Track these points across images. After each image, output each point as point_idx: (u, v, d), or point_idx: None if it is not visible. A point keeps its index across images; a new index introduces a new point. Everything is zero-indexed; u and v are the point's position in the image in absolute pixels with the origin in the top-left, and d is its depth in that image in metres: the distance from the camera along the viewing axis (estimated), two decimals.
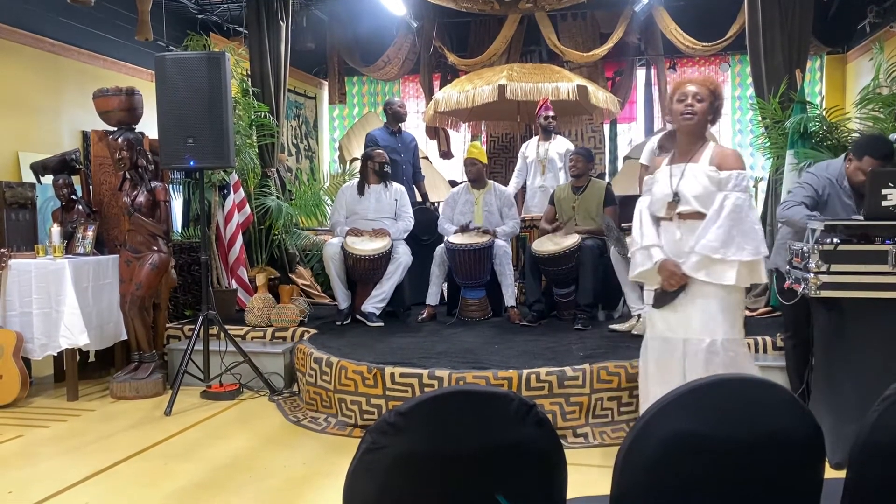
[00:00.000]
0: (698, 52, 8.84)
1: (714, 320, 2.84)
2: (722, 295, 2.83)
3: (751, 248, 2.77)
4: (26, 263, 4.64)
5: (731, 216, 2.76)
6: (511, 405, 1.24)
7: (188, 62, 4.45)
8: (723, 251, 2.76)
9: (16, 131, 6.59)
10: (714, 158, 2.88)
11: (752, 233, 2.78)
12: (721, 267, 2.78)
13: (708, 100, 2.90)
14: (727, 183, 2.81)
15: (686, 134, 2.96)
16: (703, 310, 2.85)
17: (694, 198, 2.86)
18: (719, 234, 2.77)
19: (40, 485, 3.20)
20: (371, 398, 3.90)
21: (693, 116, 2.89)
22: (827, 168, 3.73)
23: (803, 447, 1.31)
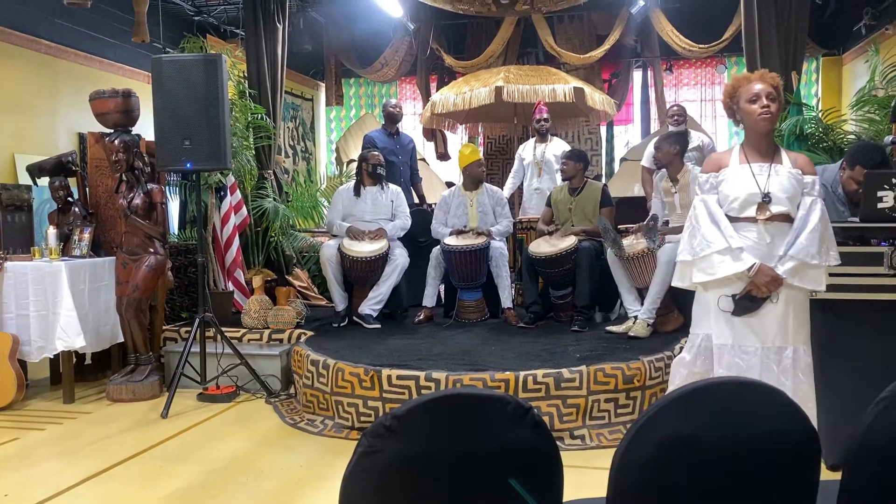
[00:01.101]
0: (695, 53, 8.86)
1: (798, 327, 2.83)
2: (803, 301, 2.83)
3: (835, 252, 2.78)
4: (23, 266, 4.63)
5: (822, 221, 2.75)
6: (507, 408, 1.24)
7: (185, 64, 4.45)
8: (819, 257, 2.73)
9: (12, 133, 6.58)
10: (797, 161, 2.86)
11: (832, 239, 2.79)
12: (815, 272, 2.76)
13: (779, 99, 2.85)
14: (812, 187, 2.79)
15: (765, 134, 2.87)
16: (785, 317, 2.79)
17: (788, 199, 2.78)
18: (814, 238, 2.72)
19: (36, 488, 3.19)
20: (368, 400, 3.90)
21: (771, 115, 2.82)
22: (823, 173, 3.74)
23: (799, 449, 1.32)
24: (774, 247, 2.78)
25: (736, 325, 2.83)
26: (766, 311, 2.79)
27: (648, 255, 4.62)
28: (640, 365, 3.91)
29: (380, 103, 11.14)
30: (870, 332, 3.23)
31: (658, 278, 4.55)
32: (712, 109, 10.32)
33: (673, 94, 10.19)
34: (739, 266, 2.76)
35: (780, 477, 1.30)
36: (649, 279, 4.62)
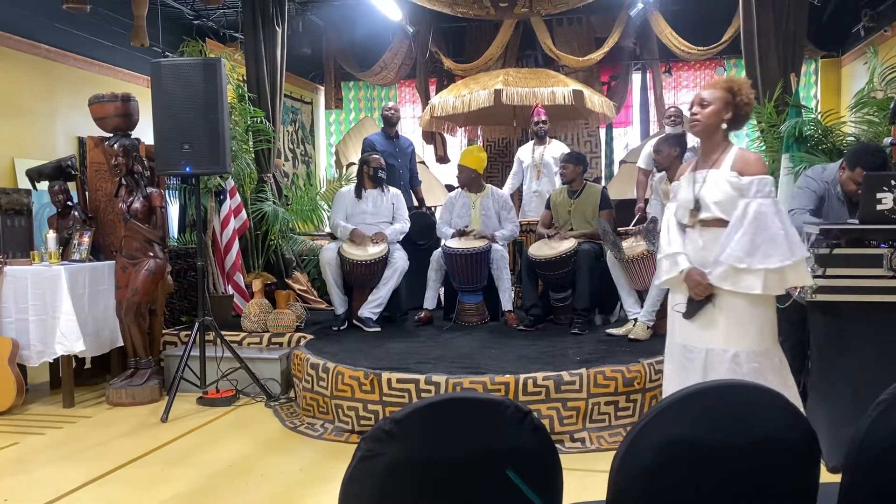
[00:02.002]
0: (693, 56, 8.87)
1: (739, 331, 2.77)
2: (747, 305, 2.76)
3: (778, 255, 2.67)
4: (22, 270, 4.63)
5: (754, 223, 2.69)
6: (506, 412, 1.23)
7: (184, 68, 4.46)
8: (748, 260, 2.68)
9: (11, 137, 6.58)
10: (736, 163, 2.81)
11: (778, 239, 2.68)
12: (747, 276, 2.70)
13: (717, 103, 2.83)
14: (749, 189, 2.74)
15: (703, 140, 2.92)
16: (727, 320, 2.78)
17: (714, 204, 2.80)
18: (743, 242, 2.69)
19: (36, 492, 3.19)
20: (368, 404, 3.89)
21: (697, 123, 2.87)
22: (823, 172, 3.74)
23: (798, 451, 1.31)
24: (708, 252, 2.82)
25: (686, 325, 2.90)
26: (711, 314, 2.82)
27: (648, 258, 4.62)
28: (640, 367, 3.91)
29: (379, 106, 11.15)
30: (869, 333, 3.23)
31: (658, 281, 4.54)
32: None
33: (672, 97, 10.20)
34: (674, 271, 2.88)
35: (780, 479, 1.30)
36: (649, 281, 4.62)
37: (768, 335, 2.82)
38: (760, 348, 2.78)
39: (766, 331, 2.81)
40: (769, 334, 2.82)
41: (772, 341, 2.83)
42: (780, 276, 2.71)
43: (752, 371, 2.76)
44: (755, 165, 2.79)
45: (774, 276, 2.70)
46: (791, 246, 2.69)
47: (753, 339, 2.78)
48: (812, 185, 3.66)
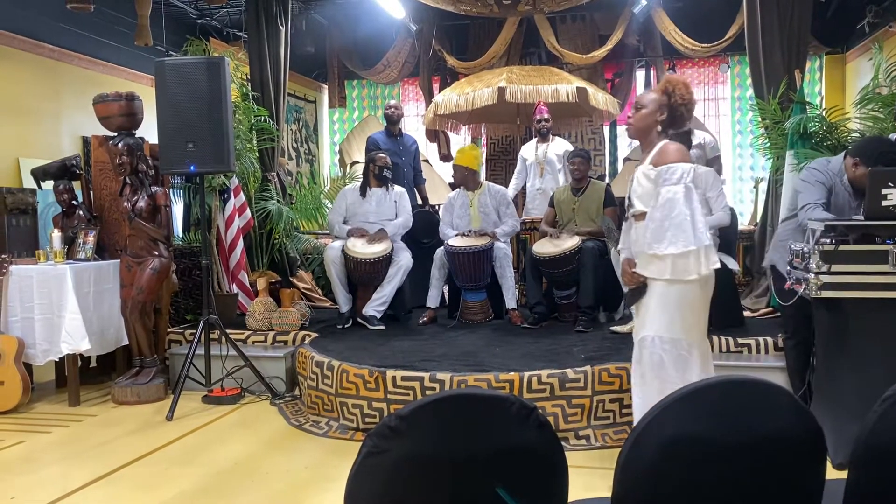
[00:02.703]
0: (697, 53, 8.85)
1: (649, 316, 2.84)
2: (662, 291, 2.80)
3: (682, 241, 2.72)
4: (27, 269, 4.64)
5: (661, 210, 2.76)
6: (511, 408, 1.24)
7: (188, 67, 4.46)
8: (656, 246, 2.75)
9: (16, 137, 6.60)
10: (655, 156, 2.89)
11: (684, 225, 2.72)
12: (658, 262, 2.77)
13: (651, 105, 2.93)
14: (659, 178, 2.82)
15: (640, 141, 3.03)
16: (647, 305, 2.87)
17: (637, 198, 2.92)
18: (652, 229, 2.78)
19: (43, 490, 3.20)
20: (373, 402, 3.90)
21: (630, 127, 3.03)
22: (828, 164, 3.72)
23: (804, 448, 1.31)
24: (637, 244, 2.92)
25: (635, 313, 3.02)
26: (644, 302, 2.90)
27: None
28: None
29: (382, 105, 11.15)
30: (874, 329, 3.22)
31: None
32: (715, 108, 10.30)
33: None
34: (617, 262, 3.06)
35: (786, 476, 1.30)
36: None
37: (680, 324, 2.80)
38: (667, 336, 2.81)
39: (678, 320, 2.80)
40: (681, 324, 2.80)
41: (683, 331, 2.81)
42: (687, 262, 2.74)
43: (650, 356, 2.81)
44: (666, 155, 2.85)
45: (682, 262, 2.73)
46: (697, 232, 2.73)
47: (663, 325, 2.81)
48: (820, 178, 3.63)
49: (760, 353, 4.43)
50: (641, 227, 2.89)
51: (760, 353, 4.43)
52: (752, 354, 4.45)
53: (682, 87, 2.93)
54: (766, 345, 4.44)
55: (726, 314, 4.79)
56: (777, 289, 3.83)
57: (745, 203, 9.68)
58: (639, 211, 2.92)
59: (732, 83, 10.19)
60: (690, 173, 2.80)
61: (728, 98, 10.27)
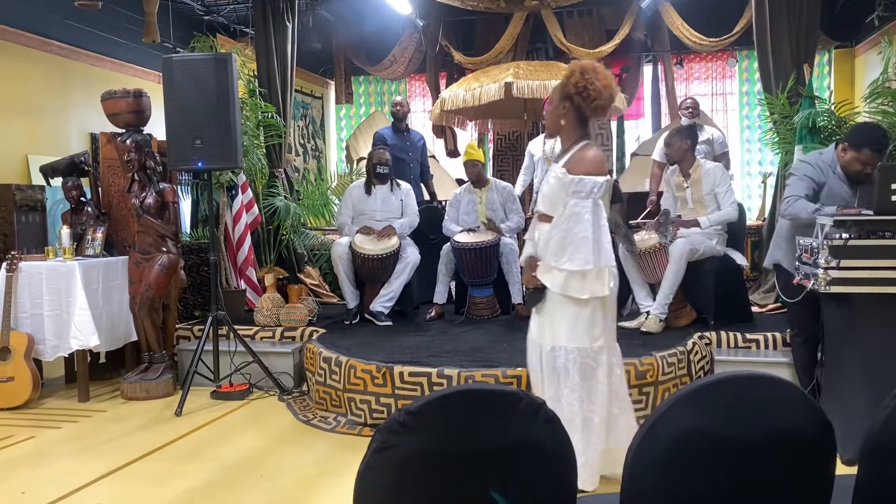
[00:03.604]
0: (705, 47, 8.81)
1: (556, 327, 2.79)
2: (560, 302, 2.76)
3: (581, 258, 2.68)
4: (37, 265, 4.66)
5: (566, 223, 2.71)
6: (520, 403, 1.24)
7: (195, 64, 4.47)
8: (555, 259, 2.71)
9: (25, 134, 6.63)
10: (570, 161, 2.79)
11: (586, 243, 2.68)
12: (556, 273, 2.73)
13: (555, 101, 2.84)
14: (569, 187, 2.73)
15: (558, 137, 2.95)
16: (550, 315, 2.81)
17: (541, 198, 2.85)
18: (555, 240, 2.73)
19: (53, 485, 3.22)
20: (380, 397, 3.91)
21: (546, 119, 2.97)
22: (821, 156, 3.72)
23: (814, 444, 1.31)
24: (539, 245, 2.86)
25: (532, 318, 2.96)
26: (545, 308, 2.84)
27: (660, 251, 4.60)
28: (652, 360, 3.90)
29: (389, 101, 11.13)
30: (884, 325, 3.21)
31: (670, 273, 4.53)
32: (723, 103, 10.26)
33: (684, 89, 10.12)
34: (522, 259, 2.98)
35: (796, 472, 1.29)
36: (661, 274, 4.60)
37: (582, 333, 2.77)
38: (571, 346, 2.77)
39: (577, 329, 2.77)
40: (582, 333, 2.77)
41: (588, 340, 2.78)
42: (583, 281, 2.70)
43: (562, 367, 2.76)
44: (584, 165, 2.75)
45: (576, 280, 2.70)
46: (598, 252, 2.69)
47: (565, 335, 2.77)
48: (809, 171, 3.64)
49: (769, 349, 4.43)
50: (544, 228, 2.83)
51: (769, 349, 4.43)
52: (760, 350, 4.44)
53: (579, 73, 2.76)
54: (775, 340, 4.43)
55: (734, 309, 4.79)
56: (782, 286, 3.82)
57: (754, 198, 9.65)
58: (542, 213, 2.85)
59: (740, 78, 10.14)
60: (601, 187, 2.74)
61: (736, 93, 10.23)
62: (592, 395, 2.77)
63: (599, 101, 2.75)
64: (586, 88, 2.73)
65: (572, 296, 2.72)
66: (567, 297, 2.73)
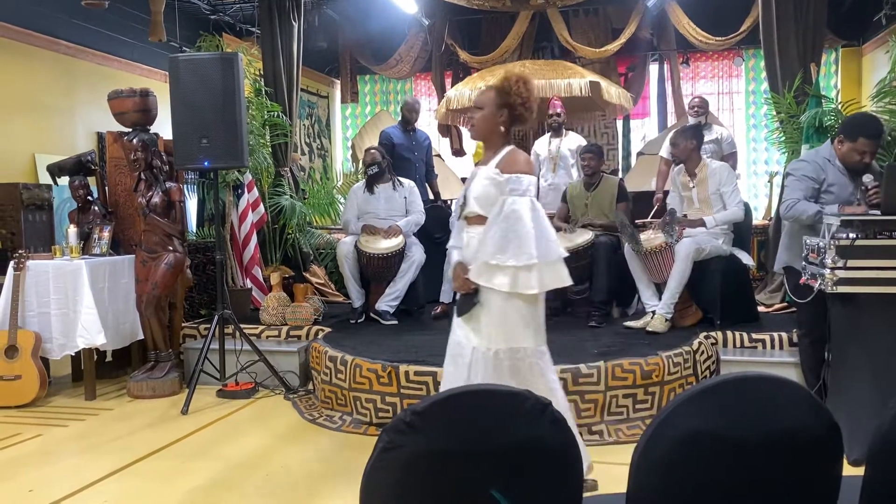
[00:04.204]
0: (711, 46, 8.79)
1: (496, 328, 2.74)
2: (503, 302, 2.72)
3: (525, 254, 2.66)
4: (44, 264, 4.68)
5: (506, 221, 2.68)
6: (526, 403, 1.24)
7: (201, 63, 4.48)
8: (499, 257, 2.67)
9: (32, 133, 6.65)
10: (501, 162, 2.78)
11: (527, 238, 2.66)
12: (498, 273, 2.68)
13: (489, 106, 2.81)
14: (506, 186, 2.72)
15: (483, 142, 2.93)
16: (487, 317, 2.76)
17: (475, 199, 2.81)
18: (495, 238, 2.69)
19: (60, 483, 3.24)
20: (386, 396, 3.91)
21: (472, 129, 2.93)
22: (818, 153, 3.72)
23: (821, 445, 1.31)
24: (471, 248, 2.82)
25: (458, 321, 2.87)
26: (477, 310, 2.78)
27: (666, 250, 4.60)
28: (658, 360, 3.90)
29: (395, 100, 11.14)
30: (890, 325, 3.20)
31: (676, 273, 4.52)
32: (729, 102, 10.24)
33: (690, 88, 10.10)
34: (449, 265, 2.95)
35: (802, 473, 1.29)
36: (667, 274, 4.60)
37: (523, 333, 2.75)
38: (516, 345, 2.74)
39: (521, 328, 2.74)
40: (525, 332, 2.75)
41: (530, 339, 2.76)
42: (529, 275, 2.68)
43: (511, 368, 2.73)
44: (516, 164, 2.76)
45: (525, 275, 2.67)
46: (539, 247, 2.67)
47: (509, 336, 2.73)
48: (807, 170, 3.64)
49: (775, 349, 4.42)
50: (476, 231, 2.80)
51: (775, 349, 4.42)
52: (767, 350, 4.43)
53: (521, 85, 2.79)
54: (781, 340, 4.42)
55: (740, 309, 4.78)
56: (791, 285, 3.81)
57: (760, 197, 9.62)
58: (474, 213, 2.82)
59: (747, 77, 10.12)
60: (534, 185, 2.75)
61: (742, 92, 10.20)
62: (553, 396, 2.75)
63: (532, 113, 2.86)
64: (528, 100, 2.81)
65: (523, 292, 2.69)
66: (506, 298, 2.70)
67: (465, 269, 2.79)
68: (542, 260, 2.68)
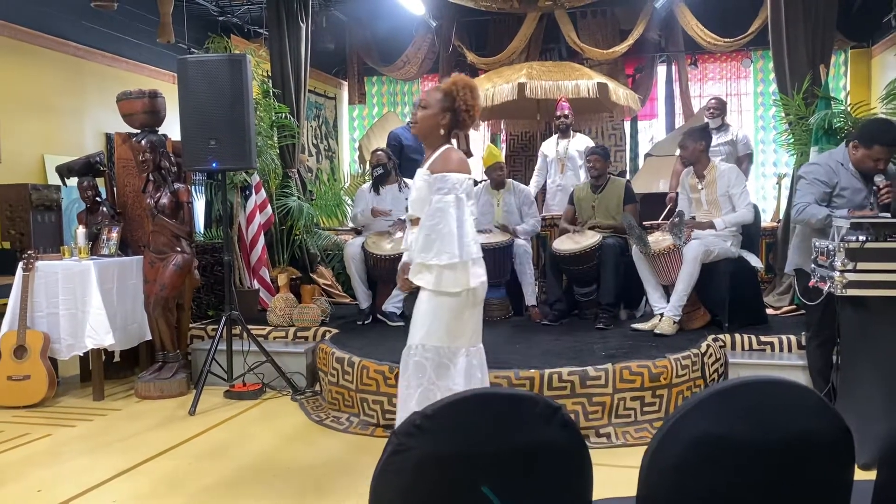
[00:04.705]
0: (720, 47, 8.77)
1: (418, 324, 2.77)
2: (427, 300, 2.75)
3: (448, 252, 2.67)
4: (53, 265, 4.70)
5: (431, 219, 2.70)
6: (536, 407, 1.23)
7: (210, 64, 4.49)
8: (423, 255, 2.70)
9: (41, 134, 6.68)
10: (433, 163, 2.80)
11: (451, 237, 2.68)
12: (425, 271, 2.72)
13: (435, 106, 2.81)
14: (433, 186, 2.74)
15: (423, 141, 2.93)
16: (417, 313, 2.80)
17: (411, 202, 2.84)
18: (421, 238, 2.72)
19: (68, 483, 3.25)
20: (393, 398, 3.89)
21: (414, 126, 2.93)
22: (831, 156, 3.70)
23: (832, 449, 1.30)
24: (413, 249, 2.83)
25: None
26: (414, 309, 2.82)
27: (674, 252, 4.58)
28: (666, 363, 3.89)
29: (402, 101, 11.15)
30: None
31: (684, 275, 4.51)
32: (738, 104, 10.20)
33: (698, 89, 10.08)
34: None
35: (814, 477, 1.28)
36: (675, 276, 4.58)
37: (444, 333, 2.74)
38: (430, 343, 2.74)
39: (442, 328, 2.74)
40: (445, 332, 2.75)
41: (447, 339, 2.75)
42: (453, 274, 2.70)
43: (415, 364, 2.74)
44: (443, 163, 2.77)
45: (448, 273, 2.69)
46: (461, 246, 2.69)
47: (427, 333, 2.75)
48: (819, 174, 3.62)
49: (783, 352, 4.40)
50: (416, 230, 2.82)
51: (783, 352, 4.40)
52: (775, 353, 4.42)
53: (468, 92, 2.81)
54: (789, 343, 4.40)
55: (749, 312, 4.76)
56: (801, 288, 3.79)
57: (768, 199, 9.58)
58: (413, 216, 2.84)
59: (755, 78, 10.08)
60: (464, 183, 2.75)
61: (751, 93, 10.17)
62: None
63: (475, 121, 2.90)
64: (473, 107, 2.83)
65: (446, 291, 2.71)
66: (439, 294, 2.72)
67: (408, 269, 2.83)
68: (465, 258, 2.70)
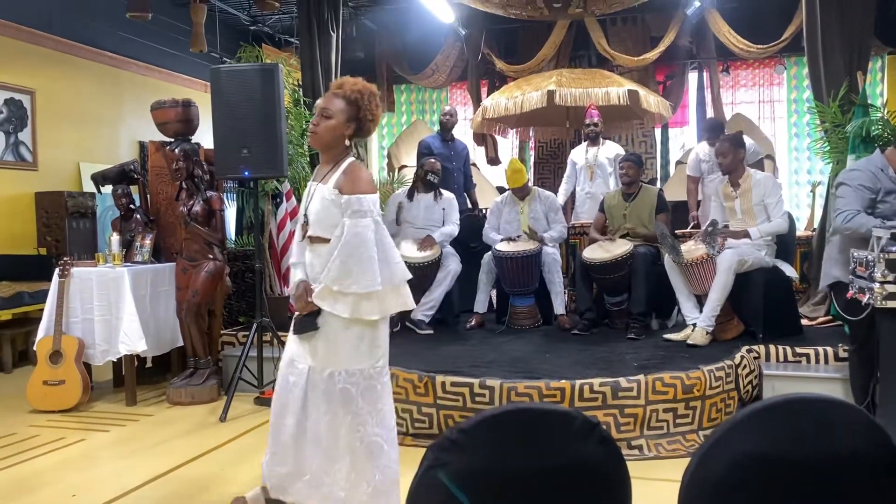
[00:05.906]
0: (752, 54, 8.65)
1: (334, 350, 2.68)
2: (342, 326, 2.65)
3: (367, 280, 2.58)
4: (87, 271, 4.77)
5: (346, 246, 2.59)
6: (574, 423, 1.22)
7: (242, 74, 4.53)
8: (339, 283, 2.59)
9: (77, 143, 6.81)
10: (340, 180, 2.67)
11: (370, 263, 2.58)
12: (342, 298, 2.61)
13: (339, 116, 2.69)
14: (347, 208, 2.62)
15: (322, 152, 2.80)
16: (325, 338, 2.69)
17: (315, 221, 2.72)
18: (336, 264, 2.60)
19: (102, 488, 3.28)
20: (422, 407, 3.90)
21: (313, 135, 2.73)
22: (869, 162, 3.61)
23: (878, 467, 1.26)
24: (314, 268, 2.73)
25: (295, 340, 2.81)
26: (318, 332, 2.70)
27: (707, 261, 4.52)
28: (699, 374, 3.83)
29: (430, 109, 11.18)
30: None
31: (718, 285, 4.45)
32: (770, 111, 10.07)
33: (730, 96, 9.97)
34: (292, 283, 2.84)
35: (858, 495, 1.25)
36: (708, 286, 4.52)
37: (359, 355, 2.67)
38: (352, 368, 2.67)
39: (357, 351, 2.67)
40: (361, 354, 2.68)
41: (365, 360, 2.68)
42: (371, 303, 2.61)
43: (343, 391, 2.66)
44: (357, 184, 2.65)
45: (365, 303, 2.61)
46: (387, 270, 2.62)
47: (346, 359, 2.67)
48: (863, 179, 3.50)
49: (819, 363, 4.31)
50: (320, 250, 2.71)
51: (819, 363, 4.31)
52: (811, 364, 4.33)
53: (373, 100, 2.73)
54: (826, 355, 4.32)
55: (783, 322, 4.68)
56: (841, 301, 3.65)
57: (802, 208, 9.44)
58: (316, 235, 2.73)
59: (789, 85, 9.94)
60: (377, 204, 2.67)
61: (784, 100, 10.02)
62: (379, 418, 2.69)
63: (375, 128, 2.83)
64: (377, 116, 2.77)
65: (364, 318, 2.64)
66: (348, 322, 2.64)
67: (309, 291, 2.72)
68: (386, 284, 2.63)
